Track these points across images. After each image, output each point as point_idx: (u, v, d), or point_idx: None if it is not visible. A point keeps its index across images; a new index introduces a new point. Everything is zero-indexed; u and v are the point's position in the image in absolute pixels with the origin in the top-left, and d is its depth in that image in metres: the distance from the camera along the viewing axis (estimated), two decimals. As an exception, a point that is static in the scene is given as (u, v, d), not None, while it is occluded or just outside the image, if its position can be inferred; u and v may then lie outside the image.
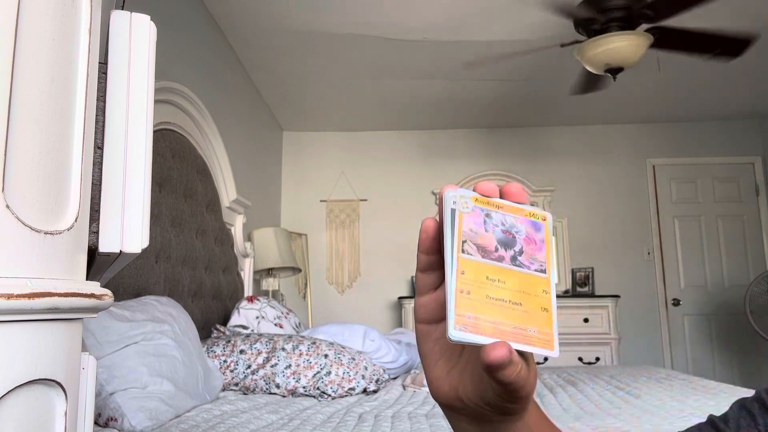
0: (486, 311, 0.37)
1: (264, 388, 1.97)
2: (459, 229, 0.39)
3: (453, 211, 0.39)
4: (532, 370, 0.38)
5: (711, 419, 0.51)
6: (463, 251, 0.38)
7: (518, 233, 0.40)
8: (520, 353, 0.37)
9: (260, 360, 2.01)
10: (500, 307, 0.37)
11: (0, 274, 0.35)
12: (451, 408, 0.43)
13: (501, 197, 0.41)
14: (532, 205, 0.42)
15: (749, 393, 1.93)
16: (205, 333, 2.50)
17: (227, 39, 3.42)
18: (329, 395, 1.96)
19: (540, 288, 0.39)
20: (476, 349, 0.40)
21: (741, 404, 0.51)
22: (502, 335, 0.37)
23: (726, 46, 2.80)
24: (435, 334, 0.43)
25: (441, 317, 0.43)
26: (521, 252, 0.40)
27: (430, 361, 0.43)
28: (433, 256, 0.42)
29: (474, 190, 0.41)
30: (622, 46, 2.54)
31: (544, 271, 0.40)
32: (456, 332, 0.36)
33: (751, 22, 3.23)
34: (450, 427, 1.47)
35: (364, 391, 2.06)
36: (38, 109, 0.40)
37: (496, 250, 0.39)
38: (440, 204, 0.40)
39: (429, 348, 0.43)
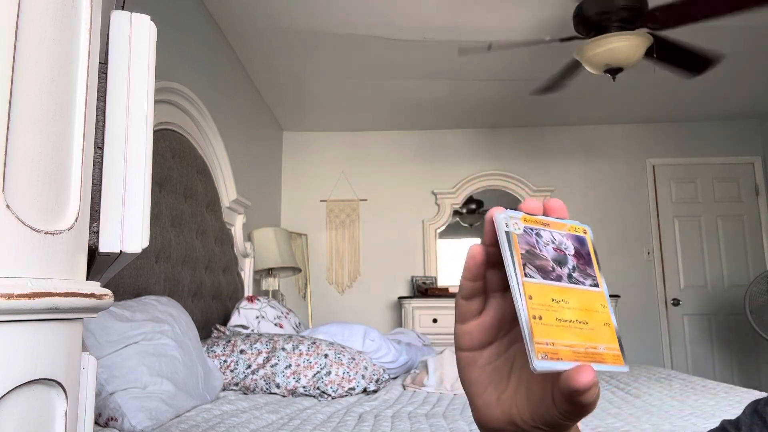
0: (559, 335, 0.36)
1: (264, 388, 1.97)
2: (517, 252, 0.37)
3: (507, 233, 0.38)
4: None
5: (723, 425, 0.50)
6: (526, 275, 0.37)
7: (567, 249, 0.39)
8: None
9: (260, 360, 2.01)
10: (570, 329, 0.36)
11: (0, 273, 0.35)
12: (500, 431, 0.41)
13: (543, 214, 0.40)
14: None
15: (749, 393, 1.93)
16: (205, 333, 2.50)
17: (227, 39, 3.42)
18: (329, 395, 1.96)
19: (598, 303, 0.38)
20: (528, 371, 0.39)
21: (754, 409, 0.50)
22: (579, 357, 0.35)
23: (690, 62, 2.82)
24: (481, 360, 0.41)
25: (488, 342, 0.41)
26: (574, 268, 0.39)
27: (478, 389, 0.41)
28: (479, 283, 0.40)
29: (519, 209, 0.40)
30: (622, 46, 2.53)
31: (597, 285, 0.39)
32: (540, 362, 0.34)
33: (746, 22, 3.22)
34: (450, 427, 1.47)
35: (364, 391, 2.06)
36: (38, 109, 0.40)
37: (553, 269, 0.38)
38: (490, 227, 0.39)
39: (476, 376, 0.41)
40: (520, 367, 0.40)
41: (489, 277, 0.41)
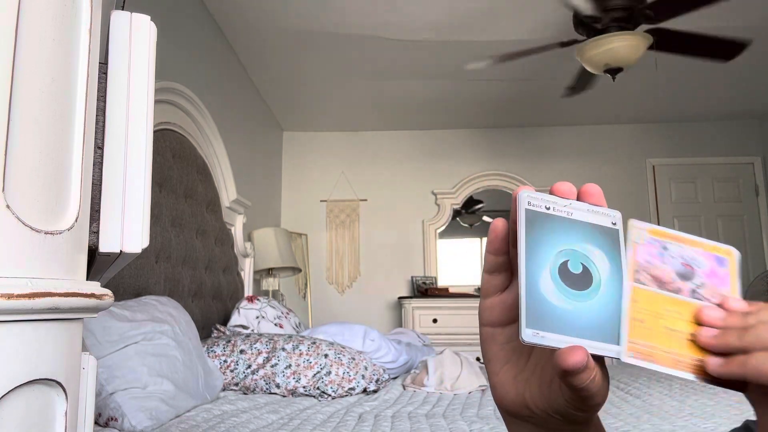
0: (663, 341, 0.37)
1: (264, 388, 1.97)
2: (633, 259, 0.39)
3: (527, 211, 0.38)
4: (605, 379, 0.37)
5: (746, 424, 0.50)
6: (636, 281, 0.38)
7: (698, 266, 0.40)
8: (596, 359, 0.36)
9: (260, 360, 2.01)
10: (678, 339, 0.37)
11: (0, 273, 0.35)
12: (516, 416, 0.41)
13: (578, 198, 0.40)
14: (711, 240, 0.42)
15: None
16: (205, 333, 2.50)
17: (227, 39, 3.42)
18: (329, 395, 1.96)
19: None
20: (546, 355, 0.39)
21: None
22: (681, 366, 0.37)
23: (720, 49, 2.80)
24: (500, 337, 0.41)
25: (508, 320, 0.41)
26: (702, 285, 0.39)
27: (495, 365, 0.42)
28: (501, 257, 0.41)
29: (550, 192, 0.40)
30: (622, 46, 2.54)
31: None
32: (629, 358, 0.36)
33: (746, 22, 3.23)
34: (450, 427, 1.47)
35: (364, 390, 2.06)
36: (38, 109, 0.40)
37: (674, 281, 0.39)
38: (515, 205, 0.39)
39: (494, 352, 0.42)
40: (540, 349, 0.40)
41: (513, 255, 0.41)
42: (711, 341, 0.36)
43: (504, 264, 0.41)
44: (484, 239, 5.02)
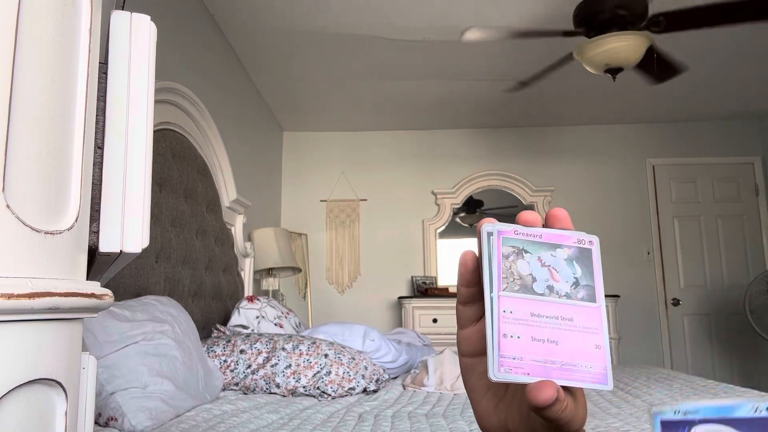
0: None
1: (264, 388, 1.97)
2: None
3: (490, 247, 0.38)
4: (580, 405, 0.37)
5: None
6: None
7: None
8: (567, 389, 0.36)
9: (260, 360, 2.01)
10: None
11: (0, 273, 0.35)
12: None
13: (544, 225, 0.39)
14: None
15: (748, 393, 1.93)
16: (205, 333, 2.50)
17: (227, 39, 3.42)
18: (329, 395, 1.96)
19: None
20: (521, 384, 0.39)
21: None
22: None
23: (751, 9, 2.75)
24: (480, 367, 0.42)
25: (485, 350, 0.41)
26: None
27: (477, 394, 0.42)
28: (473, 288, 0.41)
29: (516, 222, 0.39)
30: (622, 46, 2.54)
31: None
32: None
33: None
34: (450, 427, 1.47)
35: (364, 390, 2.06)
36: (39, 109, 0.40)
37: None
38: (479, 238, 0.39)
39: (474, 382, 0.42)
40: None
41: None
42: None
43: (477, 294, 0.41)
44: (484, 239, 5.02)
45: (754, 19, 2.35)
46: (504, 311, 0.36)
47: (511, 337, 0.36)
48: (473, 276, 0.40)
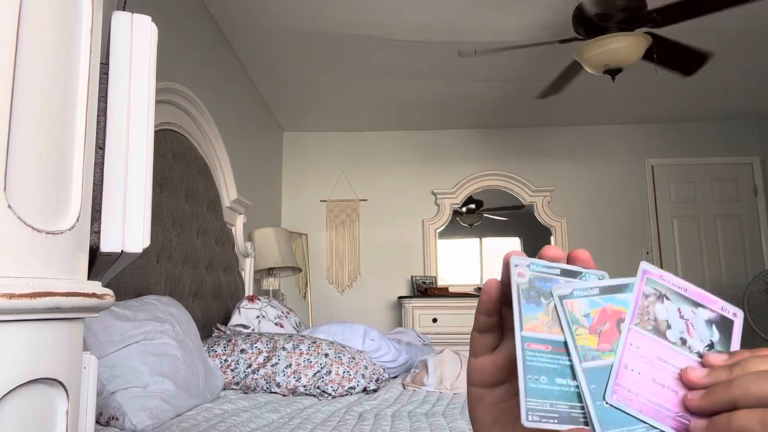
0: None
1: (264, 388, 1.97)
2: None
3: (519, 282, 0.37)
4: None
5: None
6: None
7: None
8: None
9: (261, 359, 2.01)
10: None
11: (1, 273, 0.36)
12: None
13: (568, 261, 0.39)
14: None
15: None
16: (205, 332, 2.50)
17: (227, 39, 3.42)
18: (329, 394, 1.97)
19: None
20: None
21: None
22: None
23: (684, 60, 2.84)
24: (489, 398, 0.40)
25: (498, 381, 0.40)
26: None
27: (482, 427, 0.40)
28: (493, 318, 0.39)
29: (539, 257, 0.38)
30: (621, 47, 2.54)
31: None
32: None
33: (746, 22, 3.23)
34: (450, 426, 1.47)
35: (364, 390, 2.06)
36: (40, 109, 0.40)
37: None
38: (506, 269, 0.37)
39: (482, 414, 0.40)
40: None
41: (506, 314, 0.40)
42: (698, 403, 0.34)
43: (496, 324, 0.40)
44: (484, 239, 5.03)
45: (743, 1, 2.35)
46: (631, 344, 0.36)
47: (632, 370, 0.35)
48: (495, 306, 0.39)
